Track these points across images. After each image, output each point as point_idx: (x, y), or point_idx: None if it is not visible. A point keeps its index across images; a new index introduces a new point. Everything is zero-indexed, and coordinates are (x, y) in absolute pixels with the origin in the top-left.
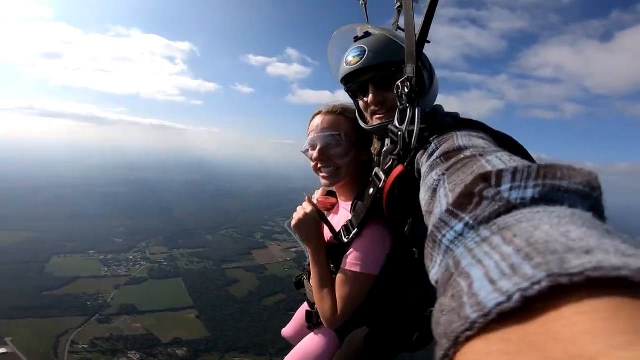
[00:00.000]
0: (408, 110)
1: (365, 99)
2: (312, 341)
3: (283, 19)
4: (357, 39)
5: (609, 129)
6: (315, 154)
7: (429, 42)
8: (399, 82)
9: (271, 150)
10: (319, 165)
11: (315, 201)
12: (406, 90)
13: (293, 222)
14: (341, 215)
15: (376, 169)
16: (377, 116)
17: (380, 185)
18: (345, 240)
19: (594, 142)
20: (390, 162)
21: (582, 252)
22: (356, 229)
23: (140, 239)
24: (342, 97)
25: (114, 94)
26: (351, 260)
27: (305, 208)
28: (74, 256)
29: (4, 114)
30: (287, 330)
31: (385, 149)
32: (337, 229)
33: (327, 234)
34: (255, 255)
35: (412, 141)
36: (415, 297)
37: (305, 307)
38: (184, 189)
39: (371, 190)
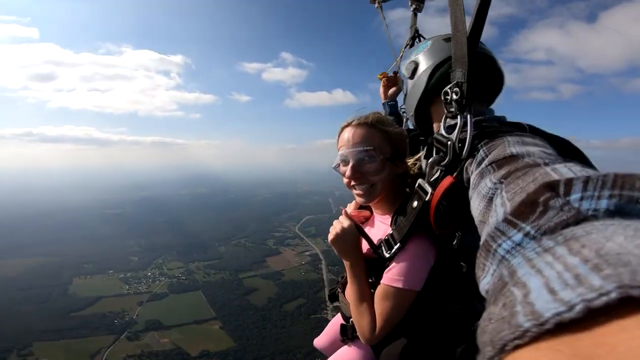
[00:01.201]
0: (459, 117)
1: None
2: (347, 355)
3: (275, 24)
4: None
5: (609, 106)
6: (348, 171)
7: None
8: (447, 88)
9: (274, 157)
10: (353, 183)
11: None
12: (455, 96)
13: (330, 237)
14: (377, 229)
15: (420, 181)
16: None
17: (426, 199)
18: (387, 255)
19: (596, 120)
20: (438, 174)
21: None
22: (399, 244)
23: (156, 256)
24: (340, 96)
25: (112, 114)
26: (393, 275)
27: (342, 222)
28: (95, 277)
29: (3, 142)
30: (319, 341)
31: (431, 159)
32: (375, 242)
33: (364, 247)
34: (270, 262)
35: (464, 151)
36: (460, 312)
37: (338, 318)
38: (191, 203)
39: (415, 204)
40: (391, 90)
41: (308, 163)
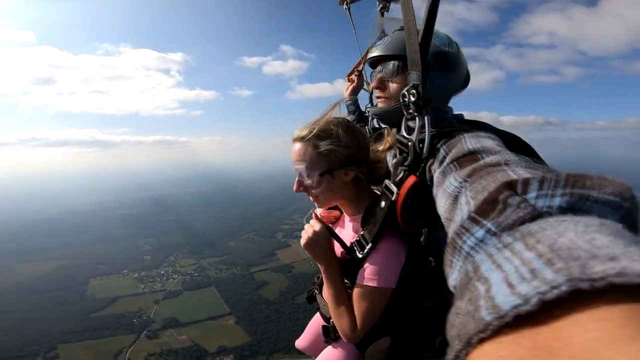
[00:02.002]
0: (417, 119)
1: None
2: (331, 355)
3: (274, 16)
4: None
5: (613, 88)
6: (293, 186)
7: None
8: (404, 91)
9: (276, 150)
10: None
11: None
12: (413, 98)
13: (303, 242)
14: (348, 229)
15: (386, 182)
16: (379, 100)
17: (393, 198)
18: (360, 256)
19: (600, 101)
20: (402, 174)
21: (606, 258)
22: (370, 244)
23: (168, 254)
24: (341, 87)
25: (114, 115)
26: (368, 275)
27: (313, 226)
28: (110, 277)
29: (8, 148)
30: (301, 342)
31: (394, 160)
32: (347, 243)
33: (337, 249)
34: (280, 255)
35: (424, 151)
36: (433, 305)
37: (317, 319)
38: (198, 200)
39: (382, 204)
40: (351, 89)
41: None
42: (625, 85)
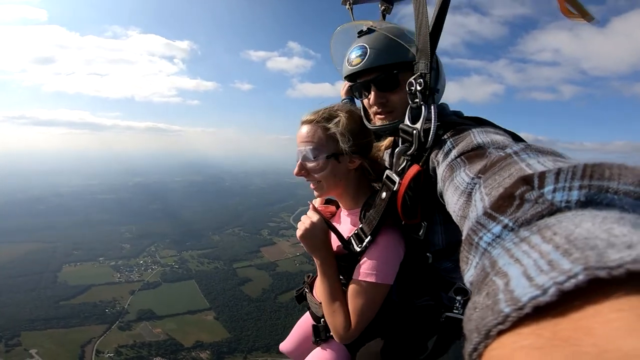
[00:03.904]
0: (423, 108)
1: (368, 99)
2: (321, 357)
3: (287, 12)
4: (360, 34)
5: (607, 109)
6: (295, 169)
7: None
8: (411, 79)
9: (270, 146)
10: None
11: None
12: (419, 87)
13: (299, 233)
14: (344, 224)
15: (388, 172)
16: (379, 117)
17: (395, 188)
18: (358, 250)
19: (592, 122)
20: (404, 163)
21: (623, 247)
22: (369, 237)
23: (148, 243)
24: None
25: (109, 98)
26: (365, 270)
27: (311, 217)
28: (85, 264)
29: None
30: (286, 345)
31: (397, 149)
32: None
33: (334, 243)
34: (265, 253)
35: (429, 140)
36: (428, 304)
37: (306, 320)
38: (185, 190)
39: (384, 195)
40: (347, 88)
41: None
42: (619, 108)
